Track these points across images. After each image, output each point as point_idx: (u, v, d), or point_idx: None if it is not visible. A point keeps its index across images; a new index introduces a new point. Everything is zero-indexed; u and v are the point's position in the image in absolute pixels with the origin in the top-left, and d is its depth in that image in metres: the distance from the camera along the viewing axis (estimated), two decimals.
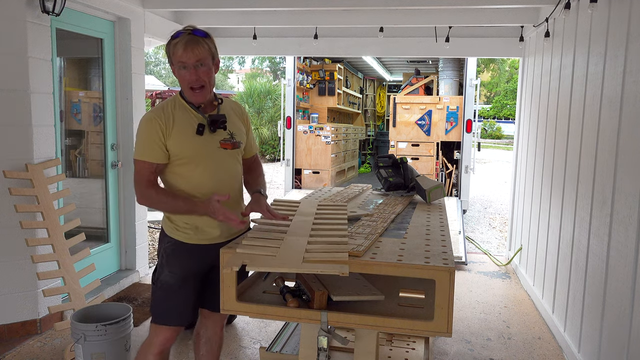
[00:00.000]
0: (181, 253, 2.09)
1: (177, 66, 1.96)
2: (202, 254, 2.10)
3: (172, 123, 2.00)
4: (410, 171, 3.26)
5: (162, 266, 2.12)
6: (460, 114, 7.33)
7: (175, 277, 2.09)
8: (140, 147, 2.00)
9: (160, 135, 1.98)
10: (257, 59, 29.89)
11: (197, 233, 2.08)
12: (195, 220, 2.06)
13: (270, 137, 16.12)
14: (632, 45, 2.50)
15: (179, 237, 2.09)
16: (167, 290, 2.11)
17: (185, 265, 2.10)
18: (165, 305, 2.12)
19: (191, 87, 1.99)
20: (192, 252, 2.09)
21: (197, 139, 2.02)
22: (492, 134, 28.72)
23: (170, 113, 2.02)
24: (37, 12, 3.26)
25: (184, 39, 1.93)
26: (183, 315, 2.14)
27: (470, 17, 4.65)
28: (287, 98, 7.35)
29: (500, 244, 6.45)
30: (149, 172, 2.00)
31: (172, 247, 2.10)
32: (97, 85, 4.27)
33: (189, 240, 2.08)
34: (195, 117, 2.05)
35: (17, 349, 3.21)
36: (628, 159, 2.48)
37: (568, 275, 3.34)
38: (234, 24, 5.20)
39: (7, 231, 3.26)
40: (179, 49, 1.93)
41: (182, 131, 2.01)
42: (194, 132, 2.01)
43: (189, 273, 2.11)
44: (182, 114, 2.04)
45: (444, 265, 1.70)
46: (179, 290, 2.10)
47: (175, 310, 2.12)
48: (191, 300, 2.15)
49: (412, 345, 2.79)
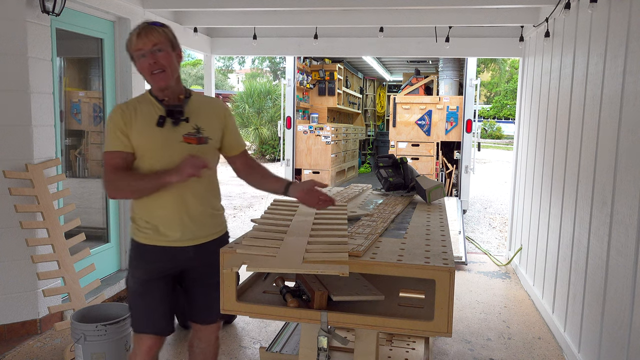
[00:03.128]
0: (142, 255, 2.04)
1: (137, 57, 1.92)
2: (163, 257, 2.02)
3: (134, 114, 1.95)
4: (410, 171, 3.26)
5: (129, 270, 2.08)
6: (460, 114, 7.33)
7: (138, 281, 2.04)
8: (107, 140, 1.97)
9: (121, 125, 1.93)
10: (257, 59, 29.93)
11: (157, 234, 2.00)
12: (155, 220, 1.99)
13: (270, 137, 16.12)
14: (632, 45, 2.50)
15: (140, 239, 2.02)
16: (133, 296, 2.06)
17: (147, 268, 2.03)
18: (135, 312, 2.07)
19: (152, 72, 1.92)
20: (152, 254, 2.02)
21: (157, 131, 1.95)
22: (492, 134, 28.73)
23: (134, 106, 1.98)
24: (37, 12, 3.26)
25: (137, 29, 1.92)
26: (155, 323, 2.06)
27: (470, 17, 4.65)
28: (287, 98, 7.35)
29: (500, 244, 6.45)
30: (114, 162, 1.94)
31: (134, 250, 2.05)
32: (97, 85, 4.27)
33: (148, 241, 2.01)
34: (158, 109, 1.98)
35: (17, 349, 3.21)
36: (628, 159, 2.48)
37: (568, 275, 3.34)
38: (234, 24, 5.20)
39: (7, 231, 3.26)
40: (133, 37, 1.90)
41: (143, 123, 1.95)
42: (154, 124, 1.95)
43: (151, 277, 2.03)
44: (146, 107, 1.99)
45: (444, 265, 1.70)
46: (144, 296, 2.04)
47: (145, 317, 2.05)
48: (159, 307, 2.06)
49: (412, 345, 2.79)
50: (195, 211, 2.03)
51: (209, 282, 2.09)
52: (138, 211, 2.03)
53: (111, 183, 1.93)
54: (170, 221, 1.99)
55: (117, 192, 1.99)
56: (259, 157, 16.78)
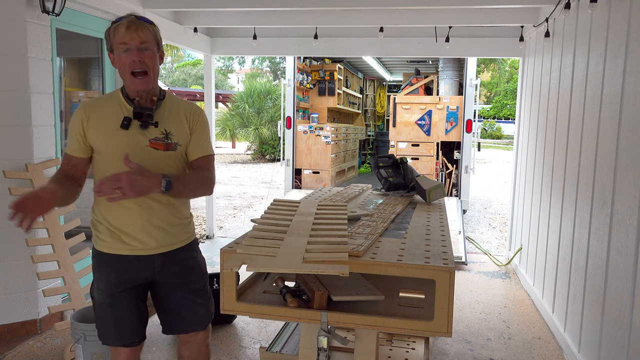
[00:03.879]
0: (104, 265, 1.89)
1: (118, 50, 1.78)
2: (127, 267, 1.88)
3: (97, 114, 1.83)
4: (410, 171, 3.26)
5: (93, 282, 1.95)
6: (460, 114, 7.33)
7: (103, 294, 1.89)
8: (68, 139, 1.87)
9: (80, 126, 1.82)
10: (257, 59, 29.94)
11: (118, 242, 1.86)
12: (118, 225, 1.85)
13: (270, 137, 16.12)
14: (632, 45, 2.50)
15: (100, 247, 1.89)
16: (100, 308, 1.92)
17: (111, 280, 1.88)
18: (101, 324, 1.95)
19: (133, 71, 1.79)
20: (115, 264, 1.87)
21: (120, 133, 1.81)
22: (492, 134, 28.74)
23: (100, 105, 1.86)
24: (37, 12, 3.26)
25: (126, 20, 1.81)
26: (122, 335, 1.93)
27: (470, 17, 4.65)
28: (287, 98, 7.35)
29: (500, 244, 6.45)
30: (65, 166, 1.84)
31: (95, 259, 1.92)
32: (97, 85, 4.27)
33: (109, 249, 1.87)
34: (126, 110, 1.85)
35: (17, 349, 3.21)
36: (628, 159, 2.48)
37: (568, 275, 3.34)
38: (234, 24, 5.20)
39: (7, 231, 3.26)
40: (120, 29, 1.78)
41: (106, 124, 1.82)
42: (118, 126, 1.81)
43: (115, 289, 1.88)
44: (112, 107, 1.85)
45: (444, 265, 1.70)
46: (110, 308, 1.90)
47: (112, 329, 1.93)
48: (126, 320, 1.92)
49: (412, 345, 2.79)
50: (161, 219, 1.89)
51: (185, 289, 2.00)
52: (99, 214, 1.89)
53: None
54: (134, 227, 1.85)
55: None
56: (259, 157, 16.79)
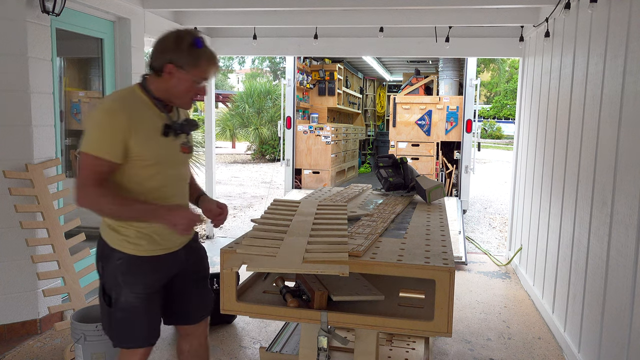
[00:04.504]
0: (139, 268, 1.87)
1: (193, 76, 1.81)
2: (163, 266, 1.92)
3: (137, 119, 1.78)
4: (410, 171, 3.26)
5: (119, 287, 1.86)
6: (460, 114, 7.33)
7: (140, 297, 1.87)
8: (99, 141, 1.74)
9: (124, 131, 1.74)
10: (257, 59, 29.91)
11: (152, 243, 1.87)
12: (148, 229, 1.86)
13: (270, 137, 16.12)
14: (632, 45, 2.50)
15: (132, 251, 1.85)
16: (130, 312, 1.88)
17: (147, 281, 1.89)
18: (131, 327, 1.90)
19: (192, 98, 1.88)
20: (151, 266, 1.89)
21: (162, 141, 1.84)
22: (492, 134, 28.74)
23: (134, 107, 1.81)
24: (37, 12, 3.26)
25: (213, 58, 1.83)
26: (153, 335, 1.96)
27: (470, 17, 4.65)
28: (287, 98, 7.35)
29: (500, 244, 6.45)
30: (102, 170, 1.75)
31: (126, 264, 1.86)
32: (97, 85, 4.27)
33: (144, 252, 1.86)
34: (158, 115, 1.85)
35: (17, 349, 3.21)
36: (628, 159, 2.48)
37: (568, 275, 3.34)
38: (234, 24, 5.20)
39: (7, 231, 3.26)
40: (203, 62, 1.80)
41: (147, 130, 1.81)
42: (159, 133, 1.83)
43: (151, 289, 1.91)
44: (146, 111, 1.83)
45: (444, 265, 1.70)
46: (145, 310, 1.90)
47: (144, 331, 1.92)
48: (159, 317, 1.99)
49: (412, 345, 2.79)
50: None
51: (198, 276, 2.08)
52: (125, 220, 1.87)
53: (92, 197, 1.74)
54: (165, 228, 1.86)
55: (91, 206, 1.76)
56: (259, 157, 16.79)
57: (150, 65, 1.84)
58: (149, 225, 1.85)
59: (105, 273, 1.90)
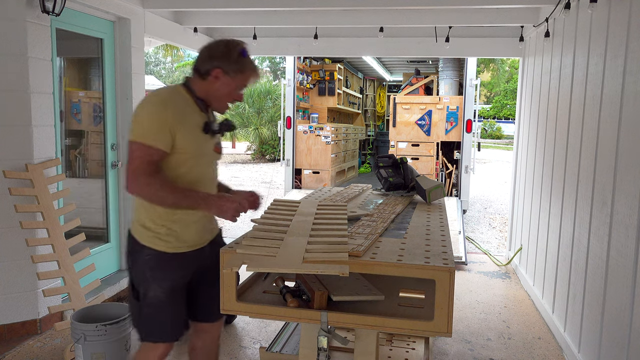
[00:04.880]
0: (167, 264, 1.97)
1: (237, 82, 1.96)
2: (187, 262, 2.01)
3: (182, 114, 1.92)
4: (410, 171, 3.26)
5: (147, 282, 1.97)
6: (460, 114, 7.33)
7: (166, 291, 1.98)
8: (150, 130, 1.84)
9: (172, 122, 1.86)
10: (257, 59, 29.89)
11: (181, 241, 1.97)
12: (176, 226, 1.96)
13: (270, 137, 16.11)
14: (632, 45, 2.50)
15: (161, 247, 1.95)
16: (158, 306, 1.98)
17: (175, 277, 1.99)
18: (158, 321, 2.00)
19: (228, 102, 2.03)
20: (177, 262, 1.99)
21: (202, 137, 1.97)
22: (492, 134, 28.73)
23: (179, 104, 1.94)
24: (37, 12, 3.26)
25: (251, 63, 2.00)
26: (178, 329, 2.06)
27: (470, 17, 4.65)
28: (287, 98, 7.35)
29: (500, 244, 6.45)
30: (153, 159, 1.84)
31: (155, 260, 1.96)
32: (97, 85, 4.27)
33: (172, 249, 1.96)
34: (198, 113, 1.99)
35: (17, 349, 3.21)
36: (628, 159, 2.48)
37: (568, 275, 3.34)
38: (234, 24, 5.20)
39: (7, 231, 3.26)
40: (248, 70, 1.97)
41: (191, 125, 1.94)
42: (199, 129, 1.96)
43: (178, 284, 2.01)
44: (190, 108, 1.97)
45: (444, 265, 1.70)
46: (172, 304, 2.00)
47: (170, 325, 2.02)
48: (184, 313, 2.08)
49: (412, 345, 2.79)
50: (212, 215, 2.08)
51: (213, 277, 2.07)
52: (157, 218, 1.95)
53: (145, 184, 1.82)
54: (196, 228, 2.00)
55: (142, 192, 1.86)
56: (259, 157, 16.78)
57: (196, 69, 1.98)
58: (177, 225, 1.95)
59: (134, 268, 2.00)
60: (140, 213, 1.98)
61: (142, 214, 1.97)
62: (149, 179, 1.82)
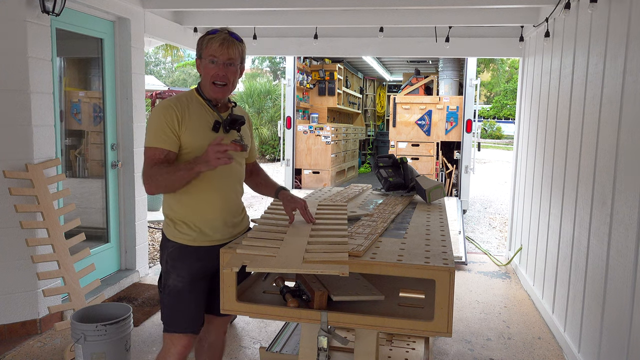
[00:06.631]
0: (186, 256, 2.06)
1: (207, 60, 1.97)
2: (207, 256, 2.06)
3: (187, 114, 1.99)
4: (410, 171, 3.25)
5: (168, 272, 2.08)
6: (460, 114, 7.33)
7: (184, 281, 2.06)
8: (152, 134, 1.96)
9: (174, 123, 1.95)
10: (257, 59, 29.89)
11: (201, 235, 2.06)
12: (200, 222, 2.05)
13: (270, 137, 16.12)
14: (632, 45, 2.50)
15: (183, 240, 2.05)
16: (176, 296, 2.06)
17: (193, 268, 2.06)
18: (177, 311, 2.08)
19: (214, 81, 2.00)
20: (197, 255, 2.06)
21: (211, 135, 2.00)
22: (492, 134, 28.72)
23: (186, 105, 2.01)
24: (37, 12, 3.26)
25: (220, 36, 1.97)
26: (195, 320, 2.10)
27: (470, 17, 4.65)
28: (287, 98, 7.35)
29: (500, 244, 6.45)
30: (158, 159, 1.95)
31: (176, 252, 2.06)
32: (97, 85, 4.27)
33: (193, 242, 2.05)
34: (210, 113, 2.04)
35: (17, 349, 3.21)
36: (628, 159, 2.48)
37: (568, 275, 3.34)
38: (234, 24, 5.19)
39: (7, 231, 3.26)
40: (214, 44, 1.96)
41: (198, 124, 2.00)
42: (209, 128, 2.01)
43: (196, 276, 2.07)
44: (198, 108, 2.03)
45: (444, 265, 1.70)
46: (189, 295, 2.06)
47: (187, 315, 2.08)
48: (202, 304, 2.12)
49: (412, 345, 2.79)
50: (235, 210, 2.15)
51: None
52: (181, 213, 2.05)
53: (151, 179, 1.93)
54: (215, 222, 2.06)
55: (157, 189, 1.98)
56: (258, 157, 16.79)
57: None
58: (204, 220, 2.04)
59: (162, 261, 2.13)
60: (165, 209, 2.10)
61: (167, 210, 2.09)
62: (149, 171, 1.94)
